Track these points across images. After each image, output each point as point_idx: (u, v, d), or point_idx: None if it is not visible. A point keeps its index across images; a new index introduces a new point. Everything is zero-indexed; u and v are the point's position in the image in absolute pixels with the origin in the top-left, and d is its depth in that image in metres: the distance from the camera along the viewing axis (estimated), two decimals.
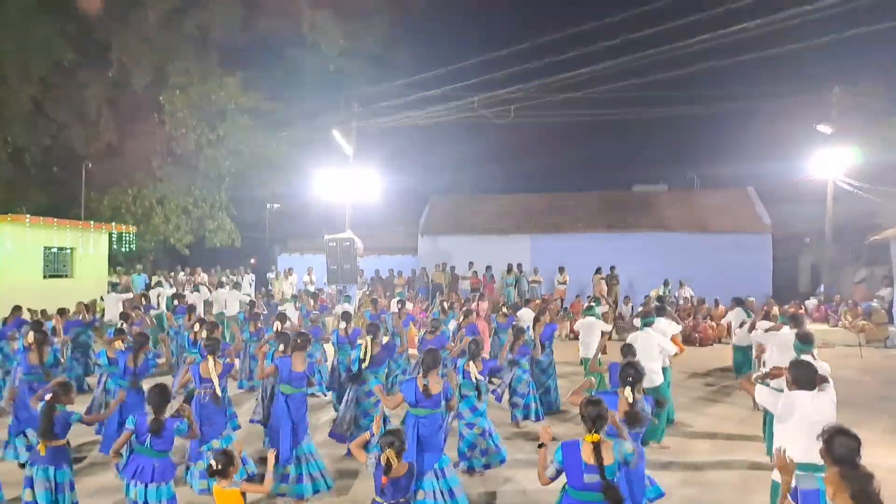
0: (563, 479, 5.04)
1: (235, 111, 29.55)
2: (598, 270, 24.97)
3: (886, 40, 27.42)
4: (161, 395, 6.36)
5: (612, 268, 25.23)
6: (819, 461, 4.69)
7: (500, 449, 8.96)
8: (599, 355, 12.24)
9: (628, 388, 6.40)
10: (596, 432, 4.93)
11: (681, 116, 35.23)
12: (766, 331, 11.15)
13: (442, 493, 6.99)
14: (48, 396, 6.50)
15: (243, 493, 5.59)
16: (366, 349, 9.68)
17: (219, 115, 29.89)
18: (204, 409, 8.22)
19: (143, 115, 29.20)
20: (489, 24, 52.38)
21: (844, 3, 14.46)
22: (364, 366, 9.58)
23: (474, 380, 9.02)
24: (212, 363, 8.52)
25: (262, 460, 7.21)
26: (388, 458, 5.24)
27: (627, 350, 8.61)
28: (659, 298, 20.47)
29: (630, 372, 6.53)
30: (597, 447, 4.85)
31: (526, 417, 11.26)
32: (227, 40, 29.33)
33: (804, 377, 5.91)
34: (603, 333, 13.18)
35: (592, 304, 15.19)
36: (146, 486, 6.10)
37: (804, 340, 8.08)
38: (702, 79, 41.65)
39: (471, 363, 9.13)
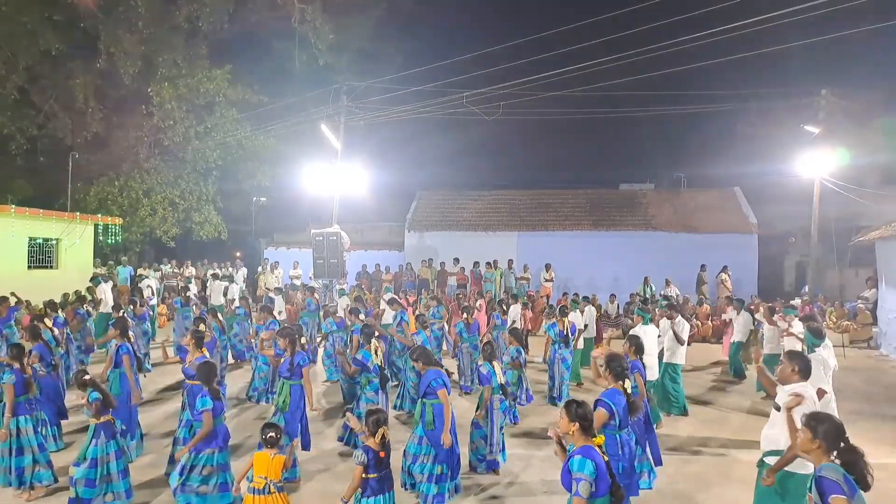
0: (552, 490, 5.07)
1: (224, 103, 29.37)
2: (703, 268, 25.73)
3: (874, 43, 27.70)
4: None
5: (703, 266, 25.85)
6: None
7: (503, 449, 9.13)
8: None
9: (628, 382, 6.62)
10: (595, 434, 4.99)
11: (668, 116, 35.44)
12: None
13: None
14: (88, 377, 7.52)
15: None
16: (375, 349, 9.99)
17: (207, 108, 29.72)
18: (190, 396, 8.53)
19: (131, 107, 28.92)
20: (479, 21, 52.33)
21: (833, 4, 14.52)
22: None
23: (501, 381, 9.01)
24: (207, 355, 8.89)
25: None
26: (383, 434, 6.03)
27: (632, 340, 8.66)
28: (666, 297, 20.64)
29: (624, 365, 6.75)
30: (600, 447, 4.90)
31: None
32: (216, 32, 29.12)
33: (806, 367, 6.22)
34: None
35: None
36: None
37: (816, 335, 8.23)
38: (689, 78, 41.74)
39: (495, 363, 9.10)
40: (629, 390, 6.60)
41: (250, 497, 6.36)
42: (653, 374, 10.18)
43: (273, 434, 6.59)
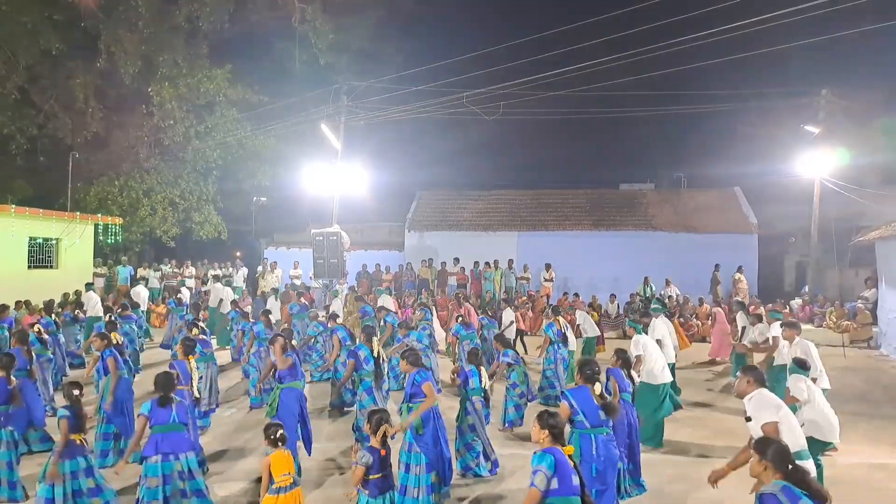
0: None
1: (224, 103, 29.37)
2: (717, 268, 25.81)
3: (874, 43, 27.69)
4: (168, 378, 7.32)
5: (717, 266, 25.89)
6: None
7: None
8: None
9: (598, 385, 6.69)
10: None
11: (669, 116, 35.47)
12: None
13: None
14: (77, 392, 7.37)
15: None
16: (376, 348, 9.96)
17: (207, 107, 29.72)
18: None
19: (131, 106, 28.93)
20: (479, 21, 52.29)
21: (833, 4, 14.52)
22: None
23: (485, 385, 8.96)
24: (193, 363, 8.73)
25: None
26: (385, 432, 6.22)
27: (619, 354, 8.71)
28: (658, 298, 20.64)
29: (594, 368, 6.85)
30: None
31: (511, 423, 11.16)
32: (216, 32, 29.11)
33: (759, 377, 6.52)
34: None
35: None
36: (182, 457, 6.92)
37: (802, 366, 8.22)
38: (690, 78, 41.74)
39: (482, 368, 9.07)
40: (601, 393, 6.68)
41: (272, 498, 6.22)
42: (664, 377, 10.16)
43: (282, 431, 6.56)
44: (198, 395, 8.63)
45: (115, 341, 10.18)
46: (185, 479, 6.83)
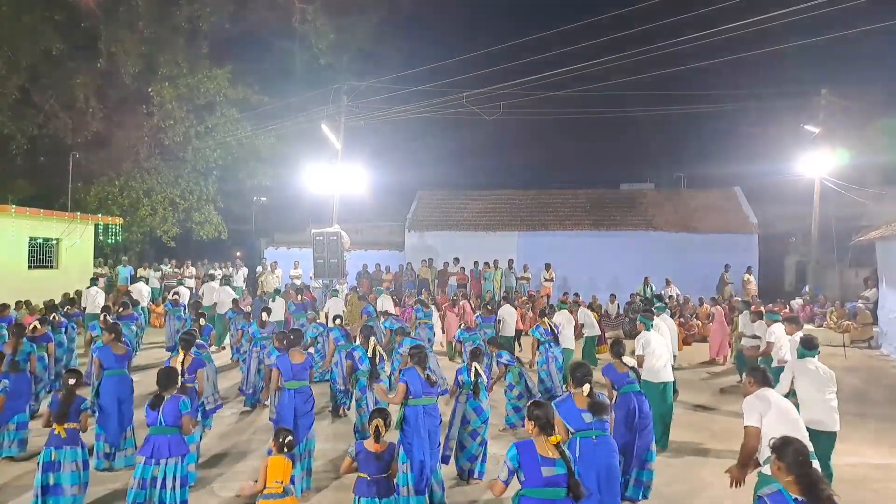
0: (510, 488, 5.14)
1: (224, 103, 29.39)
2: (726, 268, 25.70)
3: (874, 43, 27.73)
4: (168, 376, 7.12)
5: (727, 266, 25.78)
6: None
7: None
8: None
9: (586, 386, 6.63)
10: (553, 433, 5.15)
11: (669, 116, 35.51)
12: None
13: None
14: (72, 382, 7.31)
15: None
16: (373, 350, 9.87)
17: (207, 107, 29.73)
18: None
19: (132, 106, 28.95)
20: (480, 21, 52.36)
21: (833, 4, 14.51)
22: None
23: (473, 377, 8.91)
24: (181, 357, 8.59)
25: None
26: (377, 427, 6.19)
27: (610, 346, 8.70)
28: (658, 297, 20.62)
29: (584, 371, 6.83)
30: (557, 444, 5.08)
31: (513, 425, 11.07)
32: (216, 32, 29.15)
33: (762, 376, 6.51)
34: None
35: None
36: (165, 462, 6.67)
37: (807, 345, 8.16)
38: (690, 79, 41.83)
39: (474, 363, 9.03)
40: (589, 392, 6.67)
41: (264, 503, 6.13)
42: (667, 375, 10.12)
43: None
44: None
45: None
46: (156, 486, 6.59)
